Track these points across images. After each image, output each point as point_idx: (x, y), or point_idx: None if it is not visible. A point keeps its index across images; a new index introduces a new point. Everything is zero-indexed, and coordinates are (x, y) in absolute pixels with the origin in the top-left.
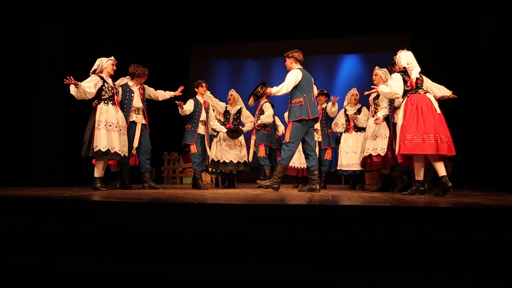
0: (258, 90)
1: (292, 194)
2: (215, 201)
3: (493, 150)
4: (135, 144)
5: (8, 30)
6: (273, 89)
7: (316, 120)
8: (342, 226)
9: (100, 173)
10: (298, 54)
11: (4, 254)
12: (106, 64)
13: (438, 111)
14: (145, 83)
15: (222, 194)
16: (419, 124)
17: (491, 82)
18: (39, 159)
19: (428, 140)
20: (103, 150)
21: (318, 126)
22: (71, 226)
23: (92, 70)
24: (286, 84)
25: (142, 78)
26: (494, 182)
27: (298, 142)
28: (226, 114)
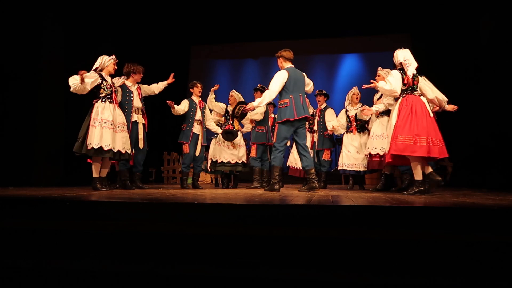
0: (236, 112)
1: (292, 194)
2: (215, 201)
3: (493, 150)
4: (141, 145)
5: (8, 29)
6: (254, 103)
7: (306, 119)
8: (342, 226)
9: (98, 173)
10: (287, 53)
11: (4, 254)
12: (108, 63)
13: (431, 115)
14: (144, 83)
15: (222, 194)
16: (412, 125)
17: (491, 82)
18: (39, 159)
19: (420, 142)
20: (96, 148)
21: (316, 127)
22: (71, 226)
23: (93, 68)
24: (267, 93)
25: (138, 74)
26: (494, 182)
27: (286, 142)
28: (226, 114)
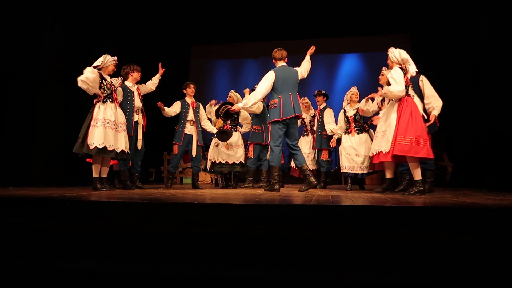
0: (220, 112)
1: (292, 194)
2: (215, 201)
3: (493, 150)
4: (139, 145)
5: (8, 29)
6: (240, 104)
7: (297, 118)
8: (342, 226)
9: (98, 173)
10: (277, 52)
11: (4, 254)
12: (110, 63)
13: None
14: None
15: (222, 194)
16: (414, 126)
17: (491, 82)
18: (39, 159)
19: (422, 143)
20: (100, 147)
21: (315, 127)
22: (71, 226)
23: (94, 65)
24: (253, 94)
25: (137, 73)
26: (494, 182)
27: (280, 141)
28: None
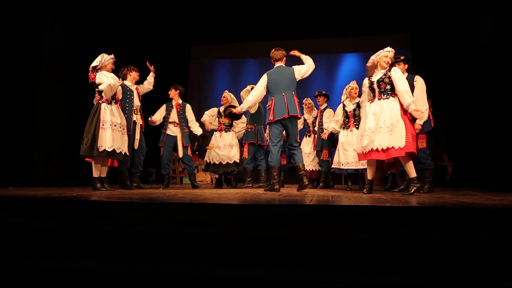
0: (223, 112)
1: (292, 194)
2: (215, 201)
3: (493, 150)
4: (136, 145)
5: (8, 30)
6: (239, 108)
7: (292, 118)
8: (342, 226)
9: (98, 173)
10: (273, 53)
11: (4, 254)
12: (108, 62)
13: None
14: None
15: (222, 194)
16: (410, 122)
17: (491, 82)
18: (39, 159)
19: (413, 138)
20: (109, 150)
21: (316, 128)
22: (71, 226)
23: (93, 65)
24: (248, 98)
25: (135, 73)
26: (494, 182)
27: (278, 141)
28: (219, 115)
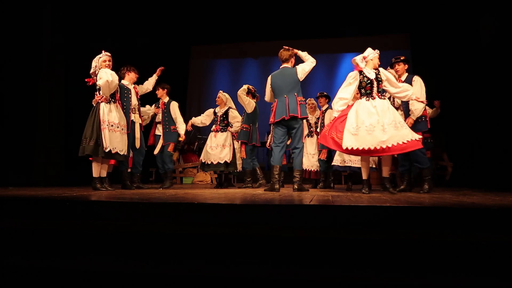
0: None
1: (292, 194)
2: (215, 201)
3: (493, 150)
4: (137, 144)
5: (8, 30)
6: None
7: (295, 119)
8: (342, 226)
9: (98, 173)
10: (280, 53)
11: (4, 254)
12: (100, 62)
13: None
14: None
15: (222, 194)
16: None
17: (491, 82)
18: (39, 159)
19: None
20: (106, 151)
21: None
22: (71, 226)
23: (91, 72)
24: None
25: (133, 73)
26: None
27: (280, 142)
28: (215, 116)
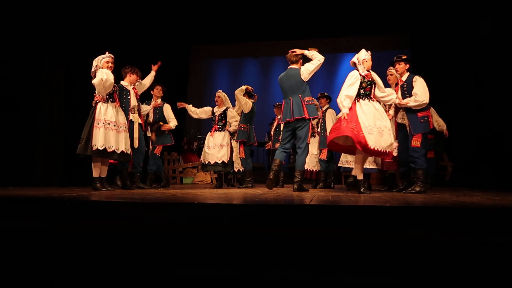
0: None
1: (292, 194)
2: (215, 201)
3: (493, 150)
4: (136, 144)
5: (8, 30)
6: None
7: (300, 121)
8: (342, 226)
9: (98, 173)
10: (287, 55)
11: (4, 254)
12: (102, 62)
13: None
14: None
15: (222, 194)
16: None
17: (491, 82)
18: (39, 159)
19: None
20: (100, 149)
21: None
22: (71, 226)
23: (92, 71)
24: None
25: (135, 76)
26: (494, 182)
27: (285, 142)
28: (213, 115)
